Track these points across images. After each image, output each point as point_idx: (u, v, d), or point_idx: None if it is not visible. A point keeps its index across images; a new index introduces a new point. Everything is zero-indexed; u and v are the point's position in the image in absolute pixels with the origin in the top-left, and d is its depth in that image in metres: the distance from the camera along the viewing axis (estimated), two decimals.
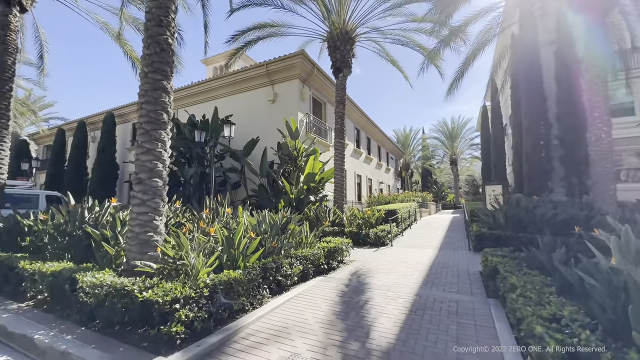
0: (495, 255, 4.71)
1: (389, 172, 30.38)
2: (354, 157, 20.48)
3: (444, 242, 9.47)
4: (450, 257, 7.30)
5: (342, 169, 11.41)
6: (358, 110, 20.18)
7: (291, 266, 4.67)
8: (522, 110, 13.91)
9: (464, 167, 43.39)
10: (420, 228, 12.79)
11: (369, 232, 9.25)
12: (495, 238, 7.73)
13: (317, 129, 15.26)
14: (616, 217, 7.67)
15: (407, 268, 6.04)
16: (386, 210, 11.17)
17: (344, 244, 6.53)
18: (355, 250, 8.29)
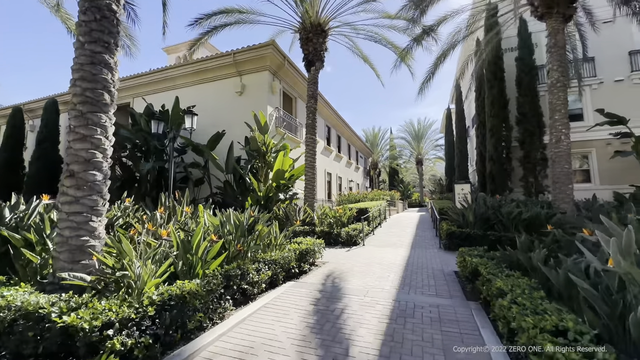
0: (473, 256, 4.57)
1: (359, 170, 30.58)
2: (325, 155, 20.19)
3: (415, 240, 9.45)
4: (423, 256, 7.20)
5: (313, 166, 11.01)
6: (329, 107, 19.89)
7: (259, 272, 4.16)
8: (486, 113, 14.47)
9: (427, 166, 45.12)
10: (390, 226, 12.79)
11: (341, 232, 8.95)
12: (465, 236, 7.78)
13: (288, 125, 14.70)
14: (573, 215, 8.09)
15: (382, 269, 5.78)
16: (358, 208, 10.97)
17: (316, 245, 6.13)
18: (327, 250, 7.92)
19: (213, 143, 11.85)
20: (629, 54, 13.42)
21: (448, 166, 30.05)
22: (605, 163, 13.36)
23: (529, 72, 13.33)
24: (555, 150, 8.41)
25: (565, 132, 8.35)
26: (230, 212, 5.07)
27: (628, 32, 13.53)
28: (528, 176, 13.15)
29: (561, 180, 8.24)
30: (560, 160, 8.29)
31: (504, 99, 13.82)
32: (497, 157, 13.43)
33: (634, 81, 13.28)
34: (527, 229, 7.73)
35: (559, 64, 8.58)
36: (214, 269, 3.79)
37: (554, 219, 7.63)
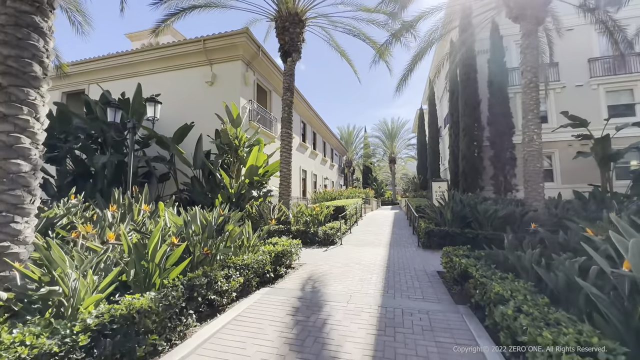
0: (460, 256, 4.36)
1: (334, 168, 30.41)
2: (300, 152, 19.70)
3: (393, 239, 9.29)
4: (403, 255, 6.99)
5: (288, 161, 10.50)
6: (305, 103, 19.40)
7: (228, 279, 3.64)
8: (460, 112, 14.74)
9: (399, 165, 46.10)
10: (367, 224, 12.62)
11: (318, 231, 8.55)
12: (443, 235, 7.70)
13: (262, 119, 14.03)
14: (545, 212, 8.32)
15: (363, 271, 5.45)
16: (335, 206, 10.64)
17: (292, 245, 5.67)
18: (304, 251, 7.49)
19: (180, 136, 10.93)
20: (588, 61, 14.25)
21: (420, 165, 30.76)
22: (567, 163, 14.12)
23: (500, 74, 13.73)
24: (527, 149, 8.58)
25: (537, 131, 8.54)
26: (196, 211, 4.47)
27: (588, 41, 14.37)
28: (498, 175, 13.57)
29: (533, 178, 8.42)
30: (532, 159, 8.47)
31: (477, 99, 14.14)
32: (470, 156, 13.72)
33: (592, 87, 14.13)
34: (502, 226, 7.82)
35: (532, 65, 8.76)
36: (174, 277, 3.22)
37: (527, 216, 7.78)
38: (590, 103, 14.00)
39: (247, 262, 4.11)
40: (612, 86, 13.92)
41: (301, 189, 19.53)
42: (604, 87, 13.99)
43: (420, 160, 30.60)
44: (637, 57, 13.65)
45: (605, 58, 14.13)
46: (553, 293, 3.00)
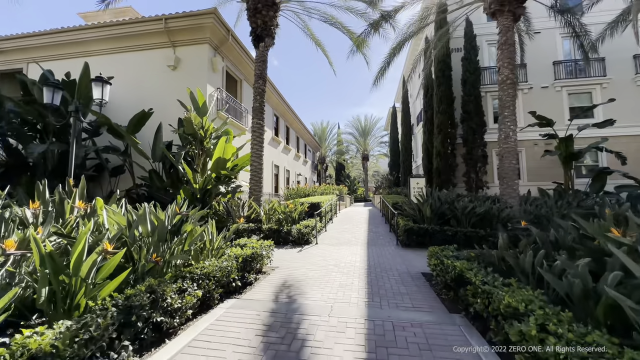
0: (449, 257, 3.98)
1: (307, 164, 29.82)
2: (272, 146, 18.87)
3: (370, 237, 8.91)
4: (383, 255, 6.59)
5: (260, 155, 9.74)
6: (278, 96, 18.57)
7: (182, 294, 2.92)
8: (434, 110, 14.75)
9: (371, 162, 46.57)
10: (342, 222, 12.19)
11: (292, 229, 7.93)
12: (423, 232, 7.42)
13: (232, 109, 13.06)
14: (520, 209, 8.34)
15: (343, 274, 4.93)
16: (309, 203, 10.06)
17: (264, 247, 5.00)
18: (276, 251, 6.84)
19: (136, 124, 9.74)
20: (553, 64, 14.85)
21: (392, 162, 31.10)
22: (532, 162, 14.67)
23: (474, 72, 13.87)
24: (504, 146, 8.56)
25: (513, 128, 8.54)
26: (145, 208, 3.68)
27: (553, 44, 14.97)
28: (470, 172, 13.74)
29: (509, 175, 8.42)
30: (508, 156, 8.46)
31: (451, 97, 14.21)
32: (444, 153, 13.77)
33: (556, 89, 14.75)
34: (480, 223, 7.70)
35: (509, 61, 8.74)
36: (106, 295, 2.47)
37: (503, 213, 7.72)
38: (555, 104, 14.62)
39: (207, 270, 3.40)
40: (573, 89, 14.63)
41: (273, 185, 18.74)
42: (567, 90, 14.67)
43: (393, 157, 30.92)
44: (596, 63, 14.42)
45: (568, 62, 14.80)
46: (558, 299, 2.67)
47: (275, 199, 16.76)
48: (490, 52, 15.46)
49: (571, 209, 7.63)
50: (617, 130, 13.74)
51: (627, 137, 13.93)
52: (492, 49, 15.53)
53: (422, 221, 8.01)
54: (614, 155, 11.54)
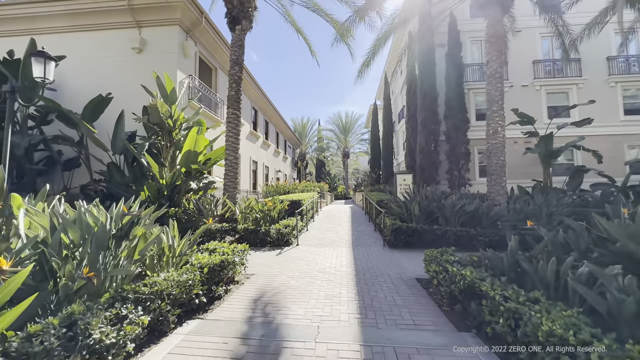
0: (453, 263, 3.47)
1: (287, 161, 29.00)
2: (251, 141, 17.95)
3: (354, 236, 8.37)
4: (370, 257, 6.05)
5: (235, 148, 8.92)
6: (256, 88, 17.63)
7: (120, 324, 2.18)
8: (418, 106, 14.46)
9: (351, 160, 46.38)
10: (323, 220, 11.61)
11: (270, 229, 7.22)
12: (411, 232, 6.97)
13: (206, 100, 12.08)
14: (509, 207, 8.10)
15: (329, 282, 4.33)
16: (290, 201, 9.38)
17: (237, 252, 4.28)
18: (252, 255, 6.14)
19: (93, 111, 8.62)
20: (533, 63, 15.00)
21: (373, 159, 30.90)
22: (512, 159, 14.74)
23: (458, 68, 13.69)
24: (492, 142, 8.30)
25: (501, 123, 8.29)
26: (80, 208, 2.87)
27: (533, 43, 15.11)
28: (453, 169, 13.59)
29: (497, 172, 8.16)
30: (497, 152, 8.20)
31: (435, 93, 13.97)
32: (428, 150, 13.51)
33: (535, 88, 14.92)
34: (469, 221, 7.37)
35: (497, 54, 8.46)
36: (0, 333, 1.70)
37: (492, 212, 7.42)
38: (534, 103, 14.77)
39: (160, 287, 2.66)
40: (551, 88, 14.85)
41: (251, 182, 17.84)
42: (545, 89, 14.87)
43: (373, 154, 30.72)
44: (573, 63, 14.70)
45: (547, 61, 15.00)
46: (586, 312, 2.20)
47: (253, 197, 15.91)
48: (473, 50, 15.39)
49: (561, 207, 7.47)
50: (591, 130, 14.06)
51: (600, 136, 14.31)
52: (474, 46, 15.47)
53: (410, 220, 7.57)
54: (591, 154, 11.69)
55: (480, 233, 6.81)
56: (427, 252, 4.17)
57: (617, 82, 14.51)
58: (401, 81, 21.89)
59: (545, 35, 15.22)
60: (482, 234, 6.81)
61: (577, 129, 14.03)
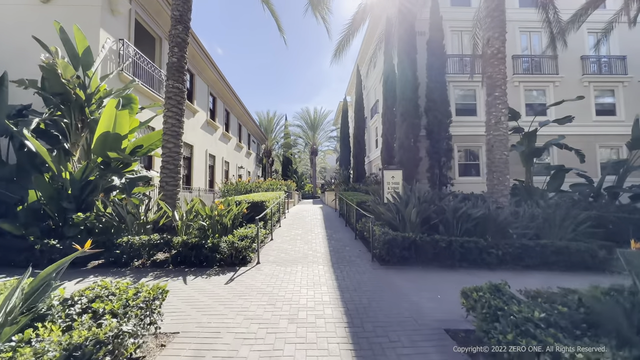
0: (536, 322, 1.84)
1: (250, 156, 26.59)
2: (208, 131, 15.51)
3: (332, 248, 6.64)
4: (361, 284, 4.35)
5: (177, 133, 6.74)
6: (215, 71, 15.21)
7: None
8: (398, 96, 13.14)
9: (319, 158, 44.84)
10: (292, 224, 9.75)
11: (220, 242, 5.23)
12: (408, 244, 5.39)
13: (145, 75, 9.61)
14: (513, 211, 6.89)
15: (307, 349, 2.52)
16: (251, 202, 7.39)
17: (145, 300, 2.30)
18: (189, 285, 4.14)
19: None
20: (512, 58, 14.41)
21: (342, 157, 29.59)
22: None
23: (440, 56, 12.57)
24: (494, 133, 7.04)
25: (505, 112, 7.07)
26: None
27: (512, 37, 14.52)
28: (434, 167, 12.46)
29: (500, 169, 6.91)
30: (499, 146, 6.95)
31: (416, 82, 12.73)
32: (408, 145, 12.22)
33: (514, 84, 14.35)
34: (474, 229, 5.99)
35: (500, 31, 7.23)
36: None
37: (500, 217, 6.09)
38: (513, 99, 14.16)
39: None
40: (530, 85, 14.39)
41: (207, 179, 15.41)
42: (524, 85, 14.36)
43: (343, 152, 29.42)
44: (550, 60, 14.35)
45: (526, 57, 14.51)
46: None
47: (208, 196, 13.56)
48: (454, 40, 14.46)
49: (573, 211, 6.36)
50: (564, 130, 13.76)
51: (573, 136, 14.08)
52: (455, 36, 14.55)
53: (404, 228, 6.00)
54: (574, 153, 11.13)
55: (491, 244, 5.43)
56: (466, 290, 2.55)
57: (590, 82, 14.41)
58: (374, 75, 20.66)
59: (525, 30, 14.76)
60: (493, 245, 5.43)
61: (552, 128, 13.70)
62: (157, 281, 3.83)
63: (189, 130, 13.37)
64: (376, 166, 20.53)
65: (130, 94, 7.16)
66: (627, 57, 14.48)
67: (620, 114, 14.43)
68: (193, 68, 13.69)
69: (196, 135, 14.07)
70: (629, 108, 14.35)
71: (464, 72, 14.14)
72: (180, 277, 4.55)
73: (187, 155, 13.20)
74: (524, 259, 5.46)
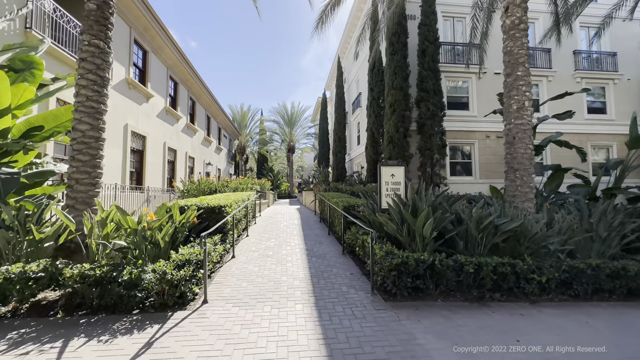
0: None
1: (221, 152, 24.28)
2: (167, 121, 13.28)
3: (315, 270, 4.95)
4: (363, 341, 2.74)
5: (97, 110, 4.75)
6: (175, 50, 13.00)
7: None
8: (386, 84, 11.66)
9: (296, 156, 42.96)
10: (263, 233, 7.95)
11: (144, 274, 3.37)
12: (423, 270, 3.82)
13: (70, 39, 7.38)
14: (540, 217, 5.55)
15: None
16: (206, 207, 5.50)
17: None
18: (80, 353, 2.30)
19: None
20: None
21: (321, 155, 28.01)
22: (484, 156, 13.01)
23: (434, 41, 11.24)
24: (517, 122, 5.65)
25: (529, 95, 5.71)
26: None
27: None
28: (426, 165, 11.12)
29: (524, 166, 5.54)
30: (523, 137, 5.58)
31: (407, 70, 11.33)
32: (398, 139, 10.78)
33: None
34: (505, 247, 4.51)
35: None
36: None
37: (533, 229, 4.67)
38: None
39: None
40: None
41: (166, 176, 13.17)
42: None
43: (322, 149, 27.85)
44: (543, 53, 13.53)
45: None
46: None
47: (164, 196, 11.29)
48: (446, 27, 13.24)
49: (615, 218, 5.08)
50: (558, 127, 13.00)
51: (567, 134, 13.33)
52: (447, 23, 13.35)
53: (411, 243, 4.43)
54: (575, 151, 10.20)
55: (531, 267, 3.99)
56: None
57: (582, 78, 13.77)
58: (357, 67, 19.20)
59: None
60: (533, 269, 3.99)
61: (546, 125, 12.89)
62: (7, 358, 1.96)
63: (142, 119, 11.14)
64: (358, 164, 19.10)
65: (32, 56, 5.04)
66: (618, 54, 13.99)
67: (611, 112, 13.92)
68: (147, 44, 11.44)
69: (151, 125, 11.84)
70: (619, 107, 13.86)
71: (455, 62, 12.96)
72: (59, 343, 2.66)
73: (138, 148, 10.97)
74: (572, 286, 4.07)
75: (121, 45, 9.74)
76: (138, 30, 10.73)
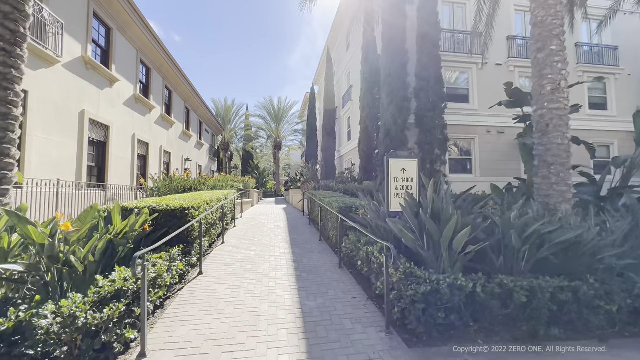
0: None
1: (203, 148, 22.69)
2: (137, 110, 11.79)
3: (307, 292, 3.80)
4: None
5: (7, 77, 3.40)
6: (146, 29, 11.51)
7: None
8: (382, 72, 10.59)
9: (283, 154, 41.58)
10: (243, 239, 6.73)
11: (37, 319, 2.12)
12: (456, 304, 2.73)
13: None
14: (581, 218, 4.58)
15: None
16: (163, 210, 4.22)
17: None
18: None
19: None
20: (507, 39, 12.66)
21: (309, 152, 26.87)
22: (485, 153, 12.18)
23: (435, 25, 10.25)
24: (550, 106, 4.66)
25: (564, 74, 4.72)
26: None
27: (508, 18, 12.80)
28: (425, 161, 10.14)
29: (561, 160, 4.55)
30: (559, 125, 4.59)
31: (405, 55, 10.30)
32: (396, 132, 9.74)
33: (509, 68, 12.61)
34: (556, 263, 3.50)
35: None
36: None
37: (587, 239, 3.69)
38: None
39: None
40: (525, 70, 12.73)
41: (136, 172, 11.69)
42: (519, 70, 12.69)
43: (309, 146, 26.73)
44: None
45: (521, 38, 12.85)
46: None
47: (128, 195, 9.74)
48: (444, 13, 12.31)
49: None
50: None
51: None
52: (446, 9, 12.43)
53: (435, 259, 3.34)
54: (585, 147, 9.44)
55: (599, 292, 2.98)
56: None
57: (584, 72, 13.17)
58: (348, 57, 18.10)
59: (520, 9, 13.08)
60: (599, 294, 2.98)
61: None
62: None
63: (104, 105, 9.66)
64: (348, 161, 18.04)
65: None
66: (619, 49, 13.47)
67: (612, 108, 13.40)
68: (110, 20, 9.93)
69: (116, 114, 10.34)
70: (620, 102, 13.35)
71: (455, 51, 12.06)
72: None
73: (99, 139, 9.49)
74: None
75: (75, 15, 8.26)
76: (99, 2, 9.24)
